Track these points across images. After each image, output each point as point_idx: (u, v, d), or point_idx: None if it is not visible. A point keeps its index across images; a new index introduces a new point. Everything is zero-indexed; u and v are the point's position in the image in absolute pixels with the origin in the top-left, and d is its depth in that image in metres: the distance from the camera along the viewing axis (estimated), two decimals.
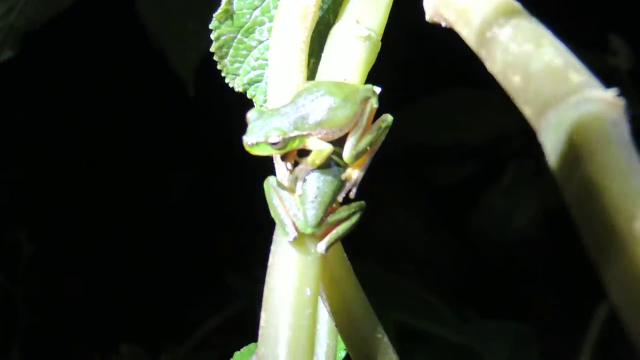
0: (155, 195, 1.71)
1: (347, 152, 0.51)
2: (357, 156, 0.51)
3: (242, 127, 0.52)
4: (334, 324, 0.57)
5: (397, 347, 0.58)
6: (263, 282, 0.51)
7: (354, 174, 0.52)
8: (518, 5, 0.46)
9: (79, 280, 1.65)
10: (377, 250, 1.61)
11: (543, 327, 1.50)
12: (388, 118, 0.53)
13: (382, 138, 0.53)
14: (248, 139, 0.50)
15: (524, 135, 1.55)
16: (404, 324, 1.40)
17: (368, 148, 0.52)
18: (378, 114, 0.54)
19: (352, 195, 0.53)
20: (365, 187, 0.54)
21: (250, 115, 0.51)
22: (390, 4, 0.58)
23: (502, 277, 1.65)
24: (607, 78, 0.43)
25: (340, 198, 0.52)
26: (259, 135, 0.50)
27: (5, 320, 1.56)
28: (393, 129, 0.54)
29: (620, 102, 0.39)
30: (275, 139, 0.50)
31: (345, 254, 0.55)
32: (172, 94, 1.32)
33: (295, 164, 0.52)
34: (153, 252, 1.67)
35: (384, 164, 0.60)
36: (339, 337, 0.58)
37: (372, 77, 0.57)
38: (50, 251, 1.63)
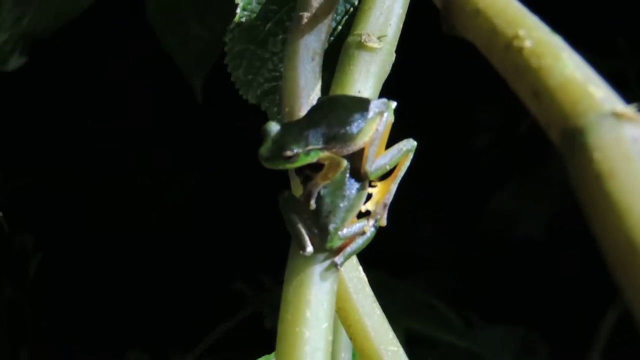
0: (161, 200, 1.71)
1: (366, 164, 0.51)
2: (376, 168, 0.51)
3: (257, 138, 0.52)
4: (349, 337, 0.56)
5: (405, 353, 0.58)
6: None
7: (380, 196, 0.53)
8: (536, 19, 0.45)
9: (85, 286, 1.65)
10: (384, 255, 1.60)
11: (551, 332, 1.50)
12: (410, 143, 0.53)
13: (406, 163, 0.53)
14: (263, 153, 0.50)
15: (533, 137, 1.55)
16: (411, 329, 1.39)
17: (388, 167, 0.52)
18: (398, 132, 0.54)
19: (382, 222, 0.53)
20: None
21: (265, 129, 0.51)
22: (404, 15, 0.58)
23: (509, 281, 1.64)
24: (614, 82, 0.43)
25: (364, 208, 0.52)
26: (274, 149, 0.50)
27: (13, 326, 1.56)
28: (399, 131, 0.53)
29: None
30: (289, 153, 0.50)
31: (360, 267, 0.55)
32: (184, 102, 1.32)
33: (310, 179, 0.52)
34: (160, 259, 1.67)
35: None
36: (354, 350, 0.58)
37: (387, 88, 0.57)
38: (57, 257, 1.63)
